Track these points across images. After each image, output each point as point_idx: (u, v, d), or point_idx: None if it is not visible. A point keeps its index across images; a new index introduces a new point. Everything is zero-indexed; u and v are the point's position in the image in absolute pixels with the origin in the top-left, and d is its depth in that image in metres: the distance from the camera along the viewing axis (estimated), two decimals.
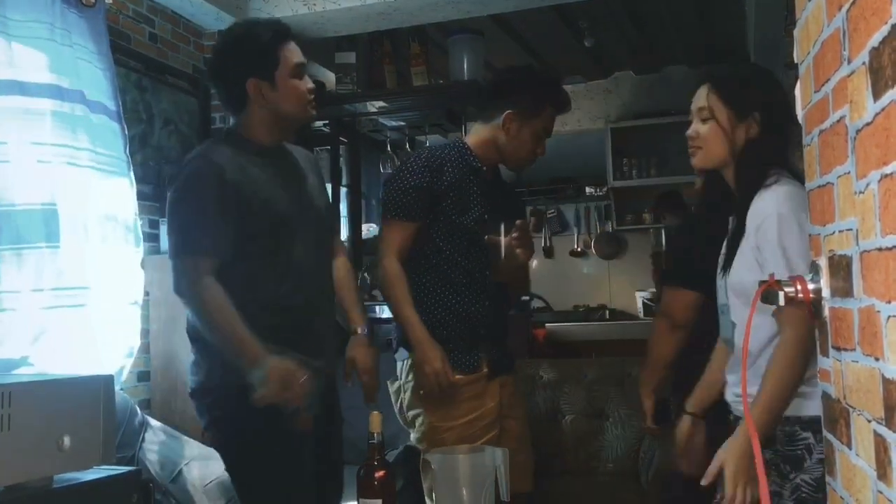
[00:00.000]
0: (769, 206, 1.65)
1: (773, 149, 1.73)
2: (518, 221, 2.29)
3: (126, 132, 3.03)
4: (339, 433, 2.26)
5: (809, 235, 1.26)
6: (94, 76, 2.90)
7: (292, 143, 2.27)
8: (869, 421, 0.92)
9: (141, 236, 3.03)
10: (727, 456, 1.61)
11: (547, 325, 5.74)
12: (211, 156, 2.01)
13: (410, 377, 2.37)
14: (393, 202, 2.37)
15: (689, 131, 1.80)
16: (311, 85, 2.08)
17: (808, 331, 1.48)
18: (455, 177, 2.37)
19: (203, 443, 2.67)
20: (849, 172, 0.98)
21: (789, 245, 1.59)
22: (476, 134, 2.48)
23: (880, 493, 0.89)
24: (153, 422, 2.84)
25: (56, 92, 2.70)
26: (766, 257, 1.62)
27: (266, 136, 2.09)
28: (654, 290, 5.76)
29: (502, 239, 2.29)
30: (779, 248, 1.60)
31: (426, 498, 1.91)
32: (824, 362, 1.19)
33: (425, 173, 2.35)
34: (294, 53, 2.06)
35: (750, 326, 1.40)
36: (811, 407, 1.54)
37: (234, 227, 1.96)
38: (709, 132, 1.76)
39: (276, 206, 2.02)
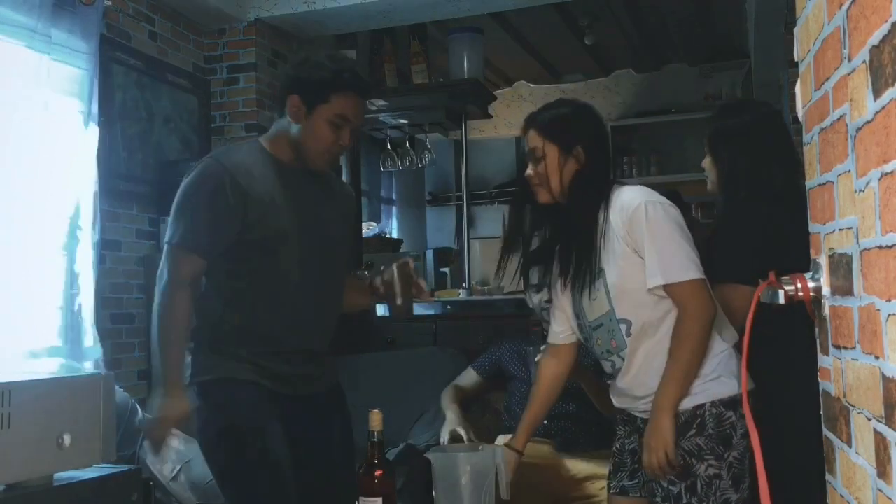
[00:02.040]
0: (633, 198, 1.81)
1: (602, 171, 1.93)
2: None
3: (97, 136, 3.01)
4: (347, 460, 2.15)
5: (810, 234, 1.26)
6: (74, 78, 2.90)
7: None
8: (869, 419, 0.92)
9: (97, 242, 3.00)
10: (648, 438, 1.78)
11: None
12: (224, 159, 2.01)
13: None
14: None
15: (526, 173, 1.94)
16: (344, 142, 2.03)
17: (707, 303, 1.74)
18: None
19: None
20: (849, 171, 0.98)
21: (658, 230, 1.76)
22: None
23: (880, 491, 0.89)
24: None
25: (27, 97, 2.71)
26: (639, 243, 1.78)
27: (286, 155, 2.05)
28: None
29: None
30: (650, 235, 1.76)
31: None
32: (824, 361, 1.19)
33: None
34: (346, 106, 1.98)
35: (750, 326, 1.40)
36: (729, 387, 1.77)
37: (231, 233, 1.95)
38: (544, 171, 1.89)
39: (277, 222, 1.99)
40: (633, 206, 1.79)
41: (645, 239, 1.76)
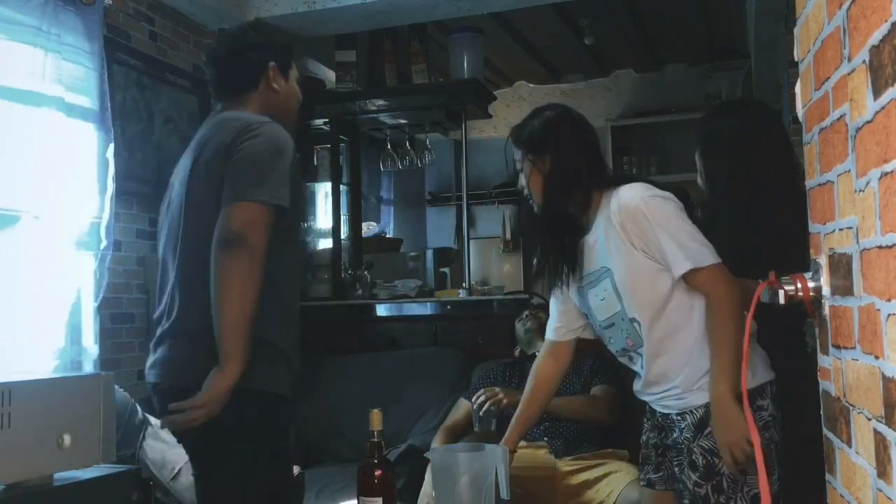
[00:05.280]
0: (632, 197, 1.80)
1: (570, 177, 1.88)
2: None
3: (111, 133, 3.01)
4: None
5: (809, 234, 1.26)
6: (80, 77, 2.90)
7: None
8: (869, 419, 0.92)
9: (102, 241, 3.00)
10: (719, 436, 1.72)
11: None
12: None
13: None
14: None
15: (518, 185, 1.98)
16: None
17: (732, 285, 1.71)
18: None
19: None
20: (849, 170, 0.98)
21: (666, 222, 1.75)
22: None
23: (880, 491, 0.89)
24: (153, 420, 2.84)
25: (33, 97, 2.70)
26: (652, 243, 1.77)
27: None
28: None
29: None
30: (660, 229, 1.75)
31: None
32: (824, 360, 1.19)
33: None
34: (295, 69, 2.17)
35: (750, 325, 1.41)
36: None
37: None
38: (529, 183, 1.93)
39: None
40: (631, 205, 1.79)
41: (657, 233, 1.76)
